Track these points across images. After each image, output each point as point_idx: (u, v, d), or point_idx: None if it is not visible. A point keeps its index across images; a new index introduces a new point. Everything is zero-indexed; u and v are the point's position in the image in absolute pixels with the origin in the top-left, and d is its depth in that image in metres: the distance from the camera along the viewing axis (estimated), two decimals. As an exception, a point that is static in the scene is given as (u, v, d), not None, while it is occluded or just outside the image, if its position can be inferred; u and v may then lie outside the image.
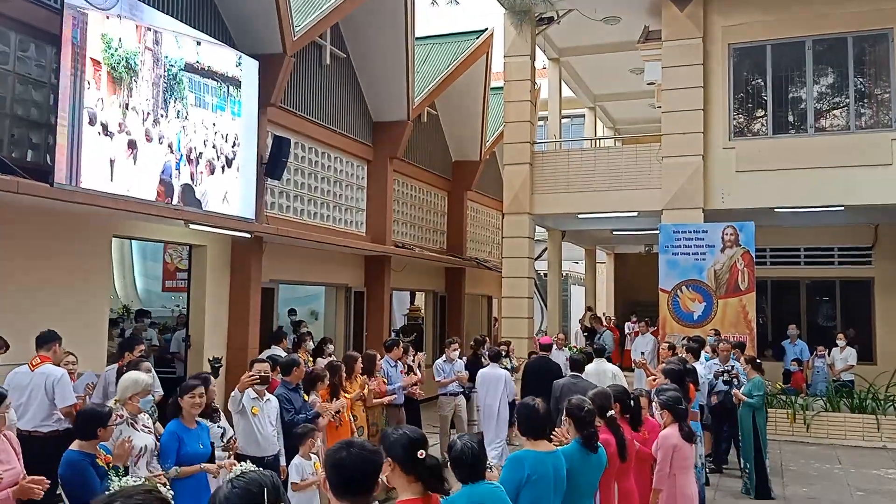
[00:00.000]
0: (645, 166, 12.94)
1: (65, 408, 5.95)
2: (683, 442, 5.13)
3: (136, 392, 4.85)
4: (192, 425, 4.87)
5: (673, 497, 5.14)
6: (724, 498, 8.15)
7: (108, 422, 4.32)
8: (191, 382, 4.99)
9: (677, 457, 5.11)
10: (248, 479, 1.98)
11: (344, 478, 2.38)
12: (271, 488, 1.94)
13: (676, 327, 11.90)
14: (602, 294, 21.65)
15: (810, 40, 12.16)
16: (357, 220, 12.69)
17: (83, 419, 4.35)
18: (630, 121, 20.79)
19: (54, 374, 5.96)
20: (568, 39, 15.18)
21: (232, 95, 9.35)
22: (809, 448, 10.68)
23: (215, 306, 9.51)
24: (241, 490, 1.94)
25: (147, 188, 8.04)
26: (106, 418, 4.32)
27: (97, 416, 4.32)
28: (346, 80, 12.33)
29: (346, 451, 2.39)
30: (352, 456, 2.38)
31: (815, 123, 12.23)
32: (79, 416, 4.47)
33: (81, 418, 4.38)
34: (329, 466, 2.43)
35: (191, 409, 4.83)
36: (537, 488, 3.83)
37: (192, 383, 4.98)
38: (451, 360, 9.62)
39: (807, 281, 15.23)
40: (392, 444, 2.97)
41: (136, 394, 4.85)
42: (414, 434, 3.00)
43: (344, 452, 2.39)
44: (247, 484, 1.95)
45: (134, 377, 5.00)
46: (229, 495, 1.95)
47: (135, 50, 8.00)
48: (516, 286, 13.47)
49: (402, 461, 2.93)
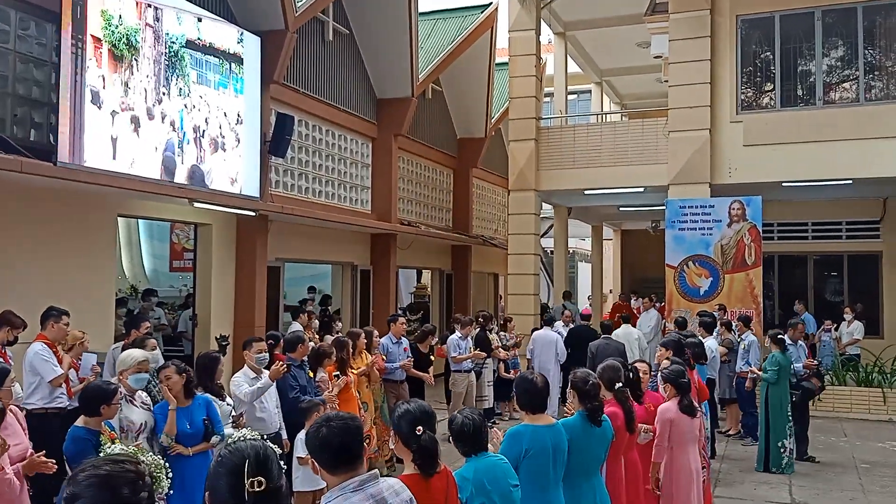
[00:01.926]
0: (651, 141, 12.84)
1: (54, 380, 5.87)
2: (682, 415, 5.10)
3: (125, 368, 4.87)
4: (181, 403, 4.87)
5: (669, 471, 5.12)
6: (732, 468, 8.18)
7: (113, 399, 4.35)
8: (162, 364, 5.03)
9: (675, 431, 5.09)
10: (234, 448, 1.97)
11: (332, 452, 2.43)
12: (254, 460, 1.92)
13: (683, 302, 11.88)
14: (609, 271, 21.60)
15: (819, 11, 11.97)
16: (362, 198, 12.66)
17: (87, 396, 4.38)
18: (637, 96, 20.59)
19: (28, 354, 5.92)
20: (573, 13, 15.01)
21: (234, 72, 9.30)
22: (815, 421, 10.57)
23: (221, 285, 9.54)
24: (226, 460, 1.94)
25: (150, 166, 8.04)
26: (111, 395, 4.35)
27: (102, 392, 4.35)
28: (349, 56, 12.24)
29: (325, 427, 2.44)
30: (333, 429, 2.42)
31: (823, 96, 12.08)
32: (83, 393, 4.50)
33: (86, 395, 4.41)
34: (314, 447, 2.47)
35: (166, 389, 4.88)
36: (536, 462, 3.82)
37: (164, 364, 5.05)
38: (467, 336, 9.65)
39: (814, 255, 15.14)
40: (398, 417, 3.04)
41: (126, 370, 4.87)
42: (418, 410, 3.03)
43: (324, 429, 2.43)
44: (231, 454, 1.95)
45: (126, 354, 5.03)
46: (217, 464, 1.96)
47: (135, 27, 7.95)
48: (522, 263, 13.45)
49: (403, 436, 2.98)
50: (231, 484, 1.90)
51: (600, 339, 9.69)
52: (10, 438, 4.01)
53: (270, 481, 1.92)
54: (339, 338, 7.75)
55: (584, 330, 10.99)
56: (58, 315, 6.15)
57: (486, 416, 4.27)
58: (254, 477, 1.89)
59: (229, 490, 1.90)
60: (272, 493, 1.92)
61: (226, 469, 1.93)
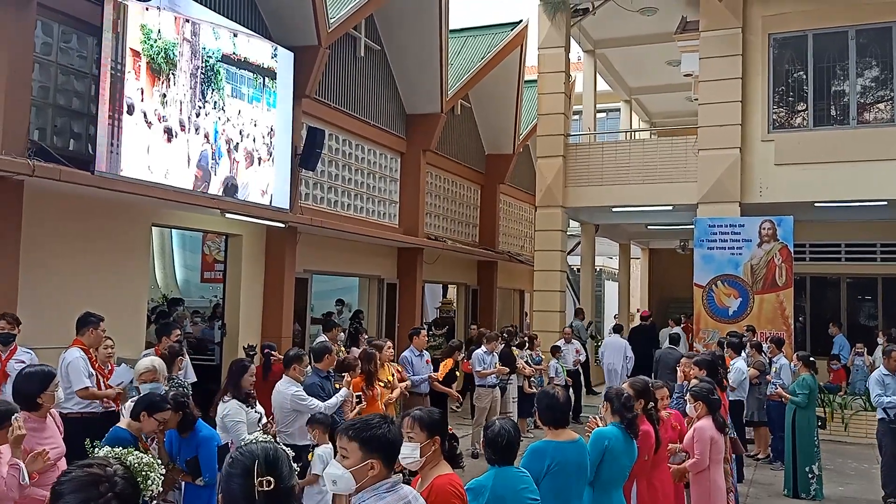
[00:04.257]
0: (681, 159, 12.75)
1: (80, 391, 5.90)
2: (718, 434, 5.09)
3: (133, 378, 4.88)
4: (181, 435, 4.68)
5: (707, 490, 5.09)
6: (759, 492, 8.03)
7: (155, 412, 4.29)
8: (160, 405, 4.38)
9: (714, 449, 5.06)
10: (245, 450, 1.99)
11: (394, 452, 2.63)
12: (263, 460, 1.93)
13: (711, 323, 11.73)
14: (636, 290, 21.42)
15: (853, 30, 11.85)
16: (390, 212, 12.74)
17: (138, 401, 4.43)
18: (666, 114, 20.48)
19: (66, 359, 5.98)
20: (603, 31, 15.01)
21: (267, 87, 9.46)
22: (847, 447, 10.45)
23: (250, 295, 9.65)
24: (237, 461, 1.96)
25: (184, 177, 8.19)
26: (153, 407, 4.30)
27: (147, 401, 4.37)
28: (379, 72, 12.38)
29: (389, 427, 2.60)
30: (394, 431, 2.61)
31: (857, 116, 11.92)
32: (139, 399, 4.52)
33: (138, 401, 4.45)
34: (382, 444, 2.54)
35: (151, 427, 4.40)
36: (558, 479, 3.80)
37: (162, 406, 4.39)
38: (492, 351, 9.65)
39: (847, 277, 14.87)
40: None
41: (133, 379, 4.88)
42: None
43: (389, 428, 2.60)
44: (242, 456, 1.97)
45: (138, 364, 5.06)
46: (229, 466, 1.98)
47: (173, 41, 8.14)
48: (548, 279, 13.40)
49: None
50: (242, 485, 1.91)
51: (665, 348, 10.89)
52: (49, 441, 4.09)
53: (281, 482, 1.92)
54: (366, 350, 7.78)
55: (644, 329, 14.33)
56: (96, 322, 6.20)
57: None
58: (263, 477, 1.89)
59: (241, 491, 1.91)
60: (283, 493, 1.92)
61: (237, 470, 1.94)
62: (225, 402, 5.40)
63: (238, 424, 5.19)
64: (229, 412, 5.30)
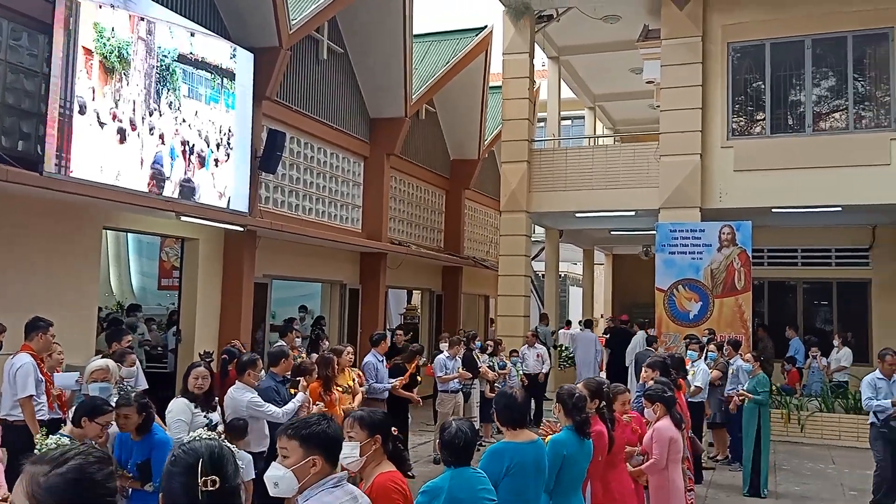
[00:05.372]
0: (643, 165, 12.89)
1: (22, 399, 5.70)
2: (677, 433, 5.12)
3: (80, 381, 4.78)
4: (134, 438, 4.55)
5: (665, 489, 5.10)
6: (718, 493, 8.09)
7: (97, 416, 4.20)
8: (103, 408, 4.30)
9: (672, 449, 5.08)
10: (188, 448, 1.92)
11: (336, 448, 2.64)
12: (208, 458, 1.87)
13: (672, 326, 11.84)
14: (600, 295, 21.58)
15: (809, 39, 12.10)
16: (353, 217, 12.64)
17: (79, 407, 4.31)
18: (630, 121, 20.74)
19: (15, 364, 5.80)
20: (567, 38, 15.14)
21: (226, 88, 9.31)
22: (804, 448, 10.61)
23: (207, 300, 9.46)
24: (180, 459, 1.89)
25: (138, 179, 8.00)
26: (95, 412, 4.21)
27: (94, 408, 4.24)
28: (343, 75, 12.29)
29: (329, 424, 2.60)
30: (334, 428, 2.62)
31: (813, 124, 12.17)
32: (80, 404, 4.42)
33: (80, 406, 4.34)
34: (322, 442, 2.54)
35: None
36: (517, 479, 3.78)
37: (126, 402, 4.47)
38: (455, 356, 9.59)
39: (804, 282, 15.15)
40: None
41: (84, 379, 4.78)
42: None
43: (329, 425, 2.60)
44: (185, 454, 1.89)
45: (89, 365, 4.95)
46: (171, 465, 1.90)
47: (127, 40, 7.96)
48: (513, 284, 13.42)
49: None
50: (185, 484, 1.84)
51: (643, 349, 10.88)
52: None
53: (226, 481, 1.86)
54: (324, 355, 7.66)
55: (622, 331, 14.59)
56: (45, 326, 6.03)
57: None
58: (207, 476, 1.83)
59: (183, 490, 1.84)
60: (228, 493, 1.86)
61: (179, 469, 1.87)
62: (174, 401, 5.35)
63: (179, 422, 5.07)
64: (173, 409, 5.22)
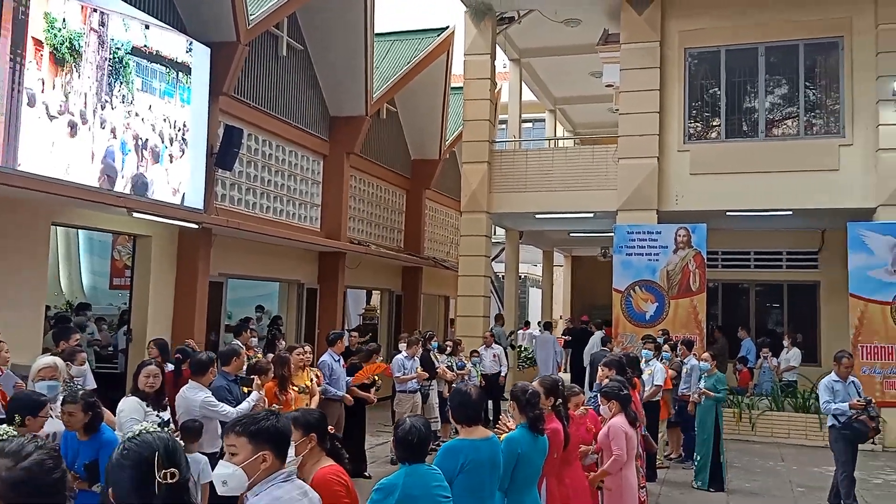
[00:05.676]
0: (602, 167, 13.03)
1: None
2: (632, 430, 5.16)
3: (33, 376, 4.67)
4: (81, 437, 4.42)
5: (618, 486, 5.13)
6: (671, 491, 8.21)
7: (40, 411, 4.13)
8: (39, 400, 4.25)
9: (627, 445, 5.13)
10: (140, 441, 1.88)
11: (286, 443, 2.65)
12: (163, 452, 1.86)
13: (629, 327, 11.99)
14: (559, 296, 21.76)
15: (763, 47, 12.39)
16: (311, 216, 12.51)
17: (15, 404, 4.19)
18: (590, 125, 20.95)
19: None
20: (529, 40, 15.23)
21: (181, 82, 9.13)
22: (754, 446, 10.84)
23: (159, 299, 9.25)
24: (133, 452, 1.85)
25: (89, 174, 7.80)
26: (39, 407, 4.14)
27: (30, 403, 4.15)
28: (302, 72, 12.17)
29: (279, 420, 2.62)
30: (284, 422, 2.66)
31: (766, 129, 12.46)
32: (12, 401, 4.31)
33: (14, 403, 4.22)
34: (272, 436, 2.54)
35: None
36: (472, 476, 3.76)
37: (71, 398, 4.37)
38: (413, 356, 9.55)
39: (756, 284, 15.49)
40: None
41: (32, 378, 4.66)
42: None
43: (280, 420, 2.62)
44: (138, 446, 1.86)
45: (38, 360, 4.83)
46: (122, 457, 1.86)
47: (79, 31, 7.77)
48: (472, 285, 13.43)
49: None
50: (137, 476, 1.82)
51: (598, 350, 11.06)
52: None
53: (182, 475, 1.87)
54: (280, 354, 7.56)
55: (582, 331, 15.29)
56: None
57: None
58: (166, 469, 1.83)
59: (135, 483, 1.82)
60: (182, 485, 1.87)
61: (132, 461, 1.84)
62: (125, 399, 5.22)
63: (132, 421, 4.93)
64: (125, 409, 5.09)
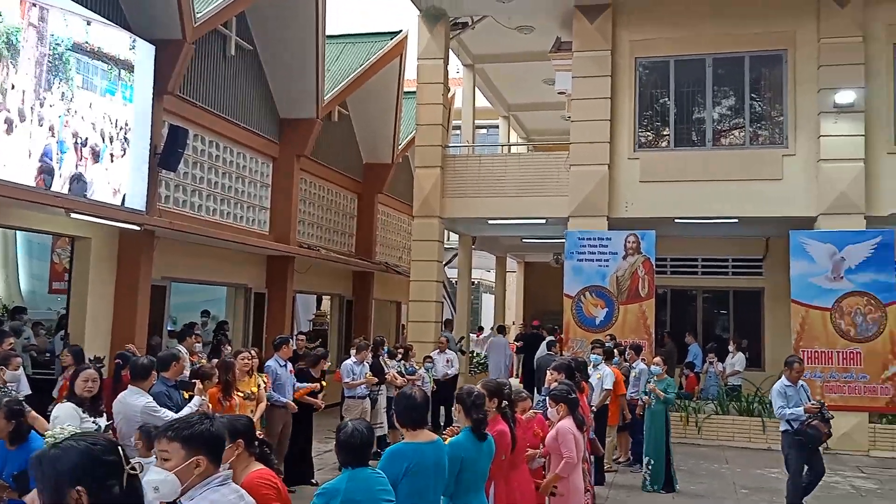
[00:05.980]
0: (554, 174, 13.10)
1: None
2: (580, 434, 5.16)
3: None
4: (8, 446, 4.26)
5: (565, 489, 5.11)
6: (619, 493, 8.26)
7: None
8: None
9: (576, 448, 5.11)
10: (103, 446, 1.87)
11: (220, 447, 2.61)
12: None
13: (579, 332, 12.07)
14: (512, 302, 21.85)
15: (710, 58, 12.64)
16: (260, 219, 12.28)
17: None
18: (543, 132, 21.13)
19: None
20: (483, 46, 15.28)
21: (124, 80, 8.85)
22: (700, 449, 11.00)
23: (99, 303, 8.94)
24: (97, 451, 1.84)
25: (25, 172, 7.49)
26: None
27: None
28: (251, 73, 11.95)
29: (213, 423, 2.57)
30: (220, 425, 2.62)
31: (713, 139, 12.72)
32: None
33: None
34: (206, 440, 2.50)
35: None
36: (417, 480, 3.74)
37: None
38: (362, 361, 9.43)
39: (704, 290, 15.80)
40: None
41: None
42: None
43: (213, 424, 2.57)
44: (94, 446, 1.86)
45: None
46: (58, 456, 1.83)
47: (17, 26, 7.49)
48: (424, 290, 13.35)
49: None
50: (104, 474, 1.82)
51: (545, 353, 11.30)
52: None
53: (112, 481, 1.85)
54: (224, 359, 7.37)
55: (534, 336, 15.07)
56: None
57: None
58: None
59: (102, 479, 1.81)
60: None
61: (95, 461, 1.83)
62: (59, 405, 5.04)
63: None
64: (59, 415, 4.87)
